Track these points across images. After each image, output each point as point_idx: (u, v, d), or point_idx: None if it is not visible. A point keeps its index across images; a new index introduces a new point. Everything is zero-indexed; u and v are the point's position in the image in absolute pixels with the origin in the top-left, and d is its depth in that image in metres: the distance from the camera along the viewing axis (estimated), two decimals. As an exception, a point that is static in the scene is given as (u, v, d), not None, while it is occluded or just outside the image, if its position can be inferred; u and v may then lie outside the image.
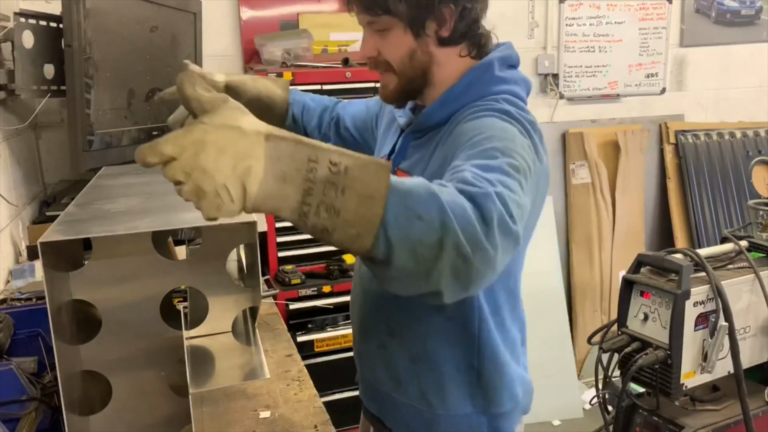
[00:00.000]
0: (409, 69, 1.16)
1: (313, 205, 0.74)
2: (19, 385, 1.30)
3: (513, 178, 0.91)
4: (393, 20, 1.12)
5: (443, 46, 1.15)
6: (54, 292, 1.01)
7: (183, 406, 1.12)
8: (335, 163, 0.74)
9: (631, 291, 1.55)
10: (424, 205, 0.76)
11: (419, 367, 1.24)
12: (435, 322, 1.20)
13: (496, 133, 1.01)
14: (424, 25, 1.12)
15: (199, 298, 1.25)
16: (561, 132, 3.69)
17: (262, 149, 0.71)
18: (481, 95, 1.14)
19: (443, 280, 0.78)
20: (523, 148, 1.00)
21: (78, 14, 1.99)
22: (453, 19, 1.13)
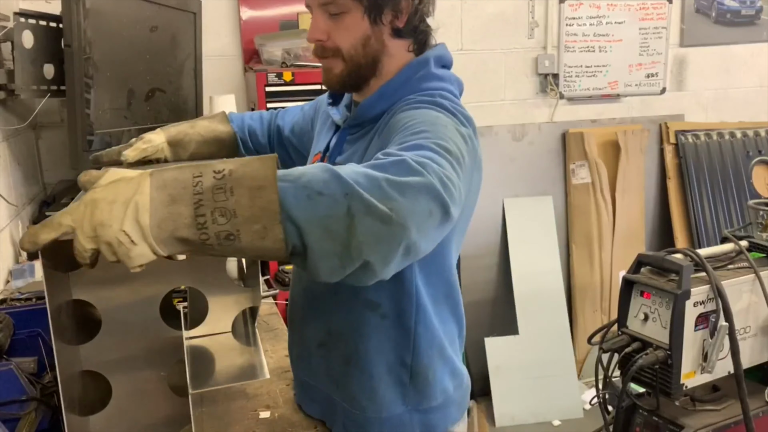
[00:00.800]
0: (360, 56, 1.14)
1: (208, 214, 0.74)
2: (18, 385, 1.30)
3: (442, 156, 0.91)
4: (352, 4, 1.10)
5: (396, 38, 1.15)
6: (54, 292, 1.01)
7: (183, 406, 1.12)
8: (219, 170, 0.76)
9: (631, 291, 1.54)
10: (321, 181, 0.77)
11: (351, 369, 1.21)
12: (370, 320, 1.18)
13: (428, 119, 1.02)
14: (382, 12, 1.11)
15: (199, 298, 1.25)
16: (561, 132, 3.69)
17: (147, 184, 0.75)
18: (417, 90, 1.14)
19: (365, 248, 0.77)
20: (456, 135, 1.01)
21: (78, 14, 1.99)
22: (408, 11, 1.13)
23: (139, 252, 0.74)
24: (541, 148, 3.67)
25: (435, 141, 0.93)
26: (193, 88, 2.80)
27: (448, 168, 0.90)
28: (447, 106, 1.09)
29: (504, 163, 3.58)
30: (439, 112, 1.06)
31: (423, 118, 1.03)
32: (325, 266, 0.78)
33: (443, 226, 0.88)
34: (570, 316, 3.63)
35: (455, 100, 1.15)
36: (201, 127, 1.45)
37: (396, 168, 0.84)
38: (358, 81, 1.18)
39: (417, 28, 1.16)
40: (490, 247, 3.57)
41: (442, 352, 1.22)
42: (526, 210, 3.60)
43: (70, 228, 0.74)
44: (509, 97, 3.60)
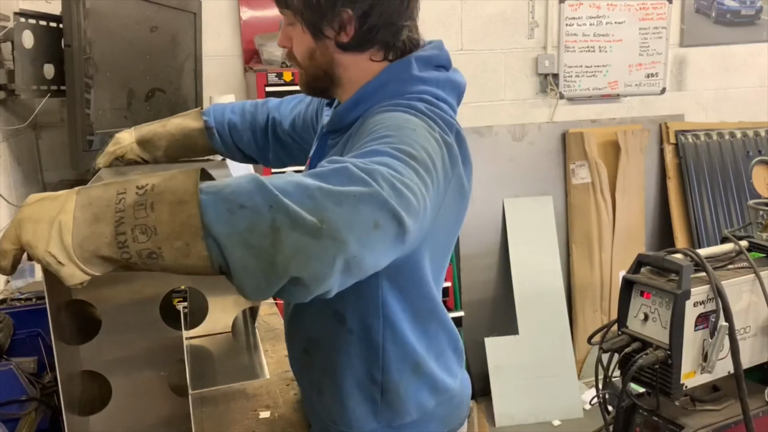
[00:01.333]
0: (310, 67, 1.11)
1: (128, 232, 0.71)
2: (18, 386, 1.30)
3: (402, 162, 0.84)
4: (294, 17, 1.07)
5: (345, 52, 1.08)
6: (54, 292, 1.01)
7: (183, 406, 1.12)
8: (141, 186, 0.73)
9: (631, 291, 1.55)
10: (245, 193, 0.72)
11: (326, 380, 1.17)
12: (339, 334, 1.13)
13: (395, 122, 0.95)
14: (321, 28, 1.05)
15: (199, 298, 1.25)
16: (561, 132, 3.69)
17: (72, 202, 0.73)
18: (397, 94, 1.05)
19: (293, 265, 0.72)
20: (427, 140, 0.93)
21: (78, 14, 1.99)
22: (352, 25, 1.05)
23: (69, 272, 0.73)
24: (541, 148, 3.67)
25: (396, 146, 0.86)
26: (193, 88, 2.80)
27: (408, 174, 0.83)
28: (422, 108, 1.01)
29: (504, 163, 3.58)
30: (411, 115, 0.99)
31: (390, 122, 0.96)
32: (249, 284, 0.73)
33: (397, 238, 0.80)
34: (570, 316, 3.63)
35: (438, 103, 1.06)
36: (172, 126, 1.44)
37: (336, 176, 0.77)
38: (319, 88, 1.15)
39: (373, 40, 1.07)
40: (490, 247, 3.57)
41: (418, 368, 1.16)
42: (526, 210, 3.60)
43: (15, 250, 0.75)
44: (509, 97, 3.60)
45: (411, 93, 1.06)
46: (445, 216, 1.03)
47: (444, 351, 1.21)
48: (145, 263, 0.73)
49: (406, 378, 1.15)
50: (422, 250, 1.06)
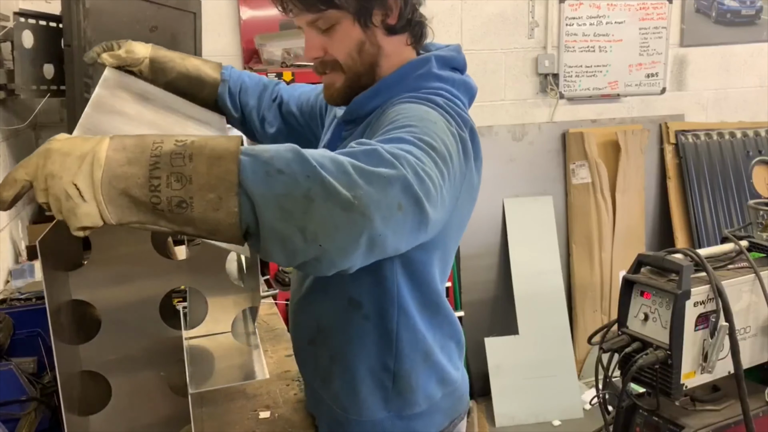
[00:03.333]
0: (357, 64, 1.11)
1: (163, 177, 0.71)
2: (18, 386, 1.30)
3: (424, 152, 0.87)
4: (339, 14, 1.07)
5: (391, 35, 1.11)
6: (53, 292, 1.01)
7: (183, 406, 1.12)
8: (181, 139, 0.74)
9: (631, 291, 1.55)
10: (284, 160, 0.73)
11: (336, 368, 1.18)
12: (354, 321, 1.15)
13: (417, 114, 0.98)
14: (371, 14, 1.07)
15: (199, 298, 1.25)
16: (561, 132, 3.69)
17: (106, 143, 0.73)
18: (415, 88, 1.09)
19: (321, 235, 0.73)
20: (446, 134, 0.96)
21: (78, 14, 1.99)
22: (399, 5, 1.08)
23: (86, 211, 0.71)
24: (541, 148, 3.67)
25: (419, 136, 0.89)
26: (193, 88, 2.80)
27: (429, 164, 0.85)
28: (440, 103, 1.04)
29: (504, 163, 3.58)
30: (431, 108, 1.01)
31: (412, 113, 0.98)
32: (276, 248, 0.74)
33: (418, 223, 0.83)
34: (570, 316, 3.63)
35: (454, 99, 1.09)
36: (190, 63, 1.39)
37: (367, 157, 0.80)
38: (357, 89, 1.15)
39: (411, 21, 1.11)
40: (490, 247, 3.57)
41: (428, 357, 1.18)
42: (526, 210, 3.60)
43: (26, 182, 0.73)
44: (509, 97, 3.60)
45: (428, 88, 1.09)
46: (458, 211, 1.06)
47: (448, 343, 1.23)
48: (172, 212, 0.73)
49: (417, 367, 1.17)
50: (436, 242, 1.06)
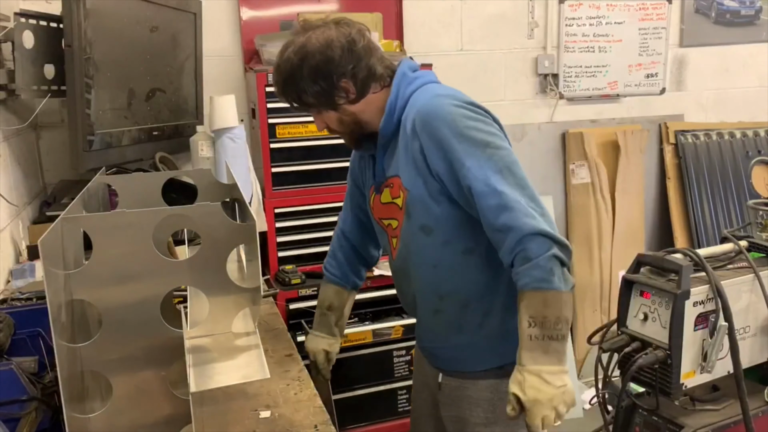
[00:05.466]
0: (345, 128, 1.53)
1: (554, 335, 1.36)
2: (19, 385, 1.30)
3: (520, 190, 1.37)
4: (315, 109, 1.51)
5: (357, 103, 1.49)
6: (54, 292, 1.01)
7: (183, 406, 1.12)
8: (529, 324, 1.36)
9: (631, 291, 1.55)
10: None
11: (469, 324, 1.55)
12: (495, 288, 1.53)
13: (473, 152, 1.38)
14: (334, 101, 1.48)
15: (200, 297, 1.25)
16: (561, 132, 3.69)
17: (529, 364, 1.37)
18: (407, 94, 1.48)
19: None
20: (492, 135, 1.41)
21: (78, 14, 1.99)
22: (351, 86, 1.46)
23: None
24: (540, 148, 3.67)
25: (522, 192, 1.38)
26: (193, 88, 2.80)
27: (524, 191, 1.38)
28: (465, 121, 1.42)
29: (504, 163, 3.58)
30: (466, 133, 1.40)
31: (471, 161, 1.39)
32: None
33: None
34: (570, 316, 3.63)
35: (450, 92, 1.49)
36: (337, 317, 1.81)
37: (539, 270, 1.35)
38: (358, 136, 1.55)
39: (368, 83, 1.48)
40: (490, 247, 3.57)
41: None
42: (525, 210, 3.59)
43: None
44: (509, 97, 3.60)
45: (417, 87, 1.49)
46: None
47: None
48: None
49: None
50: None
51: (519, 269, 1.34)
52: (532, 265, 1.32)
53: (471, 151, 1.37)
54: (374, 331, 2.70)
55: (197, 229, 1.16)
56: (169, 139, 2.64)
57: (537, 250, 1.32)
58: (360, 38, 1.46)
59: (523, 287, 1.34)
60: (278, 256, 2.71)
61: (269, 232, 2.67)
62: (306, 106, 1.51)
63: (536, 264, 1.32)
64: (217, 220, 1.15)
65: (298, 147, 2.67)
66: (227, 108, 2.51)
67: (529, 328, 1.33)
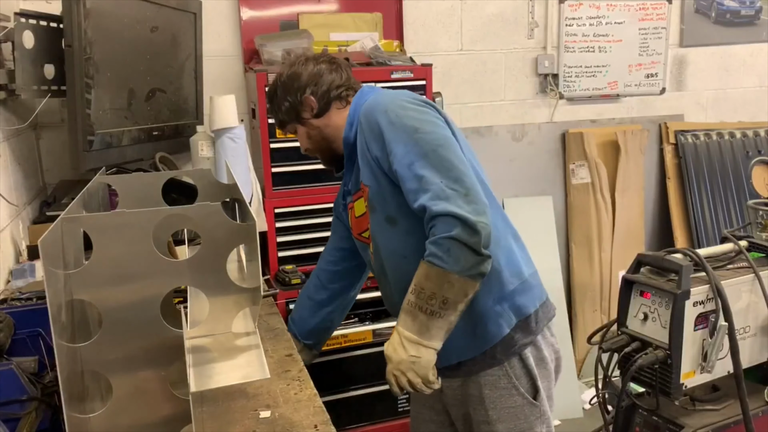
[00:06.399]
0: (315, 143, 1.69)
1: (435, 309, 1.39)
2: (19, 385, 1.30)
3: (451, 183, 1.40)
4: (289, 125, 1.70)
5: (321, 116, 1.65)
6: (54, 292, 1.01)
7: (183, 406, 1.12)
8: (413, 290, 1.43)
9: (631, 291, 1.55)
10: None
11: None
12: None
13: (397, 127, 1.47)
14: (300, 116, 1.66)
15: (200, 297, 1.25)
16: (561, 132, 3.69)
17: (400, 327, 1.47)
18: (363, 102, 1.58)
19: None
20: (419, 115, 1.49)
21: (78, 14, 1.99)
22: (313, 99, 1.63)
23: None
24: (541, 148, 3.67)
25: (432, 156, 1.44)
26: (193, 88, 2.80)
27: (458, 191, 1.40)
28: (386, 103, 1.53)
29: (504, 163, 3.58)
30: (387, 112, 1.49)
31: (392, 134, 1.48)
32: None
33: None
34: (570, 315, 3.63)
35: (389, 90, 1.64)
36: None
37: (446, 252, 1.38)
38: (330, 152, 1.70)
39: (330, 100, 1.64)
40: (490, 247, 3.56)
41: (498, 242, 1.52)
42: (526, 210, 3.59)
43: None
44: (509, 97, 3.60)
45: (369, 96, 1.59)
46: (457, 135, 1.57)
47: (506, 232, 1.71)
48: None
49: (494, 251, 1.50)
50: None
51: (426, 244, 1.40)
52: (432, 241, 1.38)
53: (400, 137, 1.45)
54: (374, 331, 2.69)
55: (197, 229, 1.16)
56: (169, 139, 2.64)
57: (440, 230, 1.36)
58: (329, 65, 1.66)
59: (424, 258, 1.41)
60: (278, 256, 2.71)
61: (269, 232, 2.67)
62: (283, 124, 1.71)
63: (435, 241, 1.37)
64: (217, 220, 1.15)
65: (298, 147, 2.66)
66: (227, 108, 2.51)
67: (409, 294, 1.42)
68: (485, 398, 1.57)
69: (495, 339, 1.54)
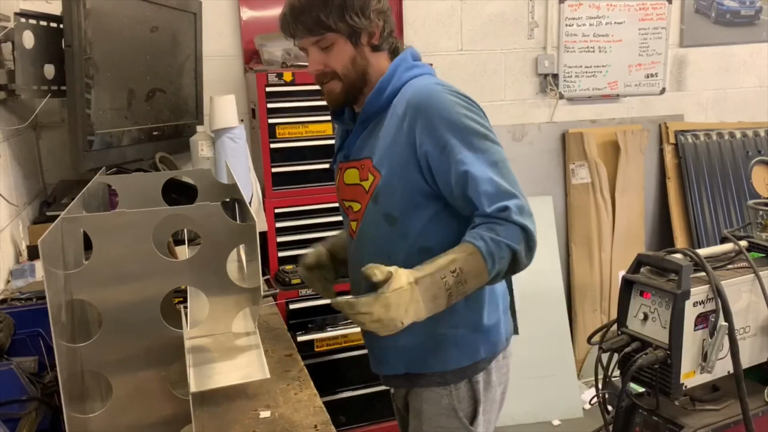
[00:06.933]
0: (352, 72, 1.45)
1: (454, 296, 1.30)
2: (19, 385, 1.30)
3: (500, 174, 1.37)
4: (336, 36, 1.41)
5: (375, 51, 1.47)
6: (54, 292, 1.01)
7: (183, 406, 1.12)
8: (454, 270, 1.29)
9: (631, 291, 1.55)
10: (501, 259, 1.32)
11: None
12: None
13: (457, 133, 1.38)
14: (360, 36, 1.43)
15: (200, 297, 1.25)
16: (561, 132, 3.69)
17: (418, 291, 1.26)
18: (403, 79, 1.46)
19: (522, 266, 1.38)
20: (476, 119, 1.41)
21: (78, 14, 1.99)
22: (380, 29, 1.45)
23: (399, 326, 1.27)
24: (540, 148, 3.67)
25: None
26: (193, 88, 2.80)
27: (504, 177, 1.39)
28: (457, 106, 1.41)
29: (504, 163, 3.58)
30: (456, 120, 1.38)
31: (450, 139, 1.37)
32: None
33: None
34: (570, 315, 3.63)
35: (449, 85, 1.48)
36: (340, 240, 1.70)
37: (498, 248, 1.33)
38: (355, 93, 1.48)
39: (388, 41, 1.48)
40: (490, 247, 3.56)
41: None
42: (526, 210, 3.59)
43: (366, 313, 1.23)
44: (509, 97, 3.60)
45: (413, 76, 1.48)
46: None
47: None
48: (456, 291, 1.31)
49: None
50: None
51: (483, 229, 1.31)
52: (494, 239, 1.29)
53: (468, 140, 1.36)
54: (374, 331, 2.69)
55: (197, 229, 1.16)
56: (169, 139, 2.64)
57: (506, 235, 1.30)
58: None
59: (477, 244, 1.30)
60: (278, 256, 2.71)
61: (269, 232, 2.67)
62: (324, 29, 1.39)
63: (497, 241, 1.29)
64: (217, 220, 1.15)
65: (298, 147, 2.67)
66: (227, 108, 2.51)
67: (449, 271, 1.27)
68: (423, 413, 1.51)
69: (454, 366, 1.48)
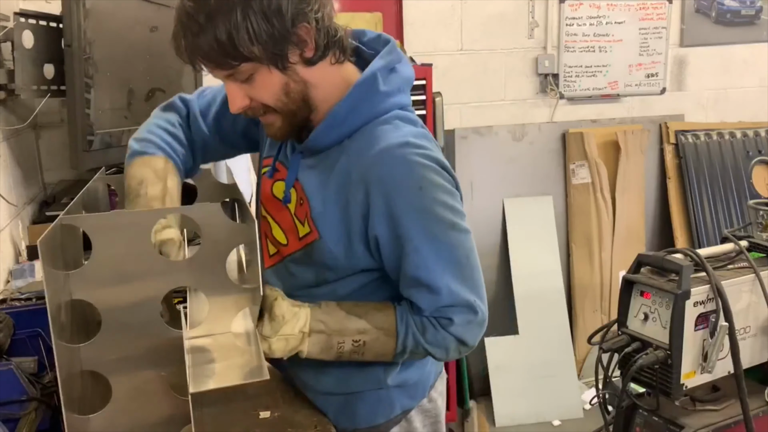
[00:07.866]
0: (288, 103, 1.13)
1: (344, 359, 1.21)
2: (19, 385, 1.31)
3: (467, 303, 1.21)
4: (252, 65, 1.07)
5: (313, 66, 1.12)
6: (54, 292, 1.01)
7: (183, 406, 1.12)
8: (358, 341, 1.18)
9: (631, 291, 1.55)
10: (415, 352, 1.22)
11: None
12: None
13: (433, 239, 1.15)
14: (286, 56, 1.08)
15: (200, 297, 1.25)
16: (561, 132, 3.69)
17: (306, 343, 1.19)
18: (369, 117, 1.15)
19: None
20: (449, 216, 1.15)
21: (78, 14, 1.99)
22: (312, 35, 1.08)
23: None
24: (541, 148, 3.67)
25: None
26: (193, 88, 2.79)
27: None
28: (437, 197, 1.14)
29: (504, 163, 3.58)
30: (435, 211, 1.14)
31: (425, 245, 1.15)
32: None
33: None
34: (570, 316, 3.63)
35: (410, 116, 1.20)
36: (175, 192, 1.34)
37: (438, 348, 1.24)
38: (297, 124, 1.18)
39: (328, 43, 1.11)
40: (490, 247, 3.57)
41: None
42: (526, 210, 3.60)
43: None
44: (509, 97, 3.60)
45: (382, 112, 1.16)
46: None
47: None
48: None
49: None
50: None
51: (416, 321, 1.20)
52: (418, 340, 1.19)
53: (432, 231, 1.13)
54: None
55: (197, 229, 1.16)
56: (169, 139, 2.64)
57: (435, 342, 1.21)
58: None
59: (398, 330, 1.19)
60: (278, 256, 2.70)
61: (269, 232, 2.66)
62: (233, 59, 1.05)
63: (420, 343, 1.19)
64: (217, 220, 1.14)
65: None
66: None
67: (351, 340, 1.17)
68: None
69: (366, 424, 1.34)
